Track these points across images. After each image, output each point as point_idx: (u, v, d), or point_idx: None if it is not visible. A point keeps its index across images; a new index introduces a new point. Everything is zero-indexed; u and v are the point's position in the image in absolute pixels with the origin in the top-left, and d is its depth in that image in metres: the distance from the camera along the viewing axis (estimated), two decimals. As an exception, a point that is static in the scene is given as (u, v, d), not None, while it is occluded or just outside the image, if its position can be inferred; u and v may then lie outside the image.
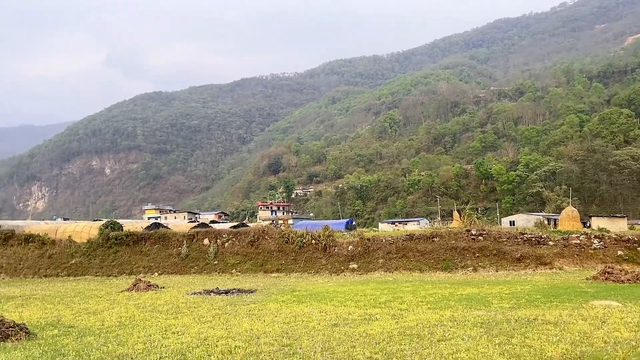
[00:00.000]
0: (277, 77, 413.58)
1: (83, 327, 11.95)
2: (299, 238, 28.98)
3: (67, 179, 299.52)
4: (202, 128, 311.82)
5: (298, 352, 8.85)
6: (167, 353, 8.99)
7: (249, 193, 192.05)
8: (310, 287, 20.25)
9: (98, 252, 30.74)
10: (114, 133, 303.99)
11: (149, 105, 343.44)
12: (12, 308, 15.85)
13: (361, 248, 27.72)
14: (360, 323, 11.51)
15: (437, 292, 16.88)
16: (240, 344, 9.54)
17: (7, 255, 31.27)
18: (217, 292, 18.76)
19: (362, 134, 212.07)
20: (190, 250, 30.28)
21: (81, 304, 16.45)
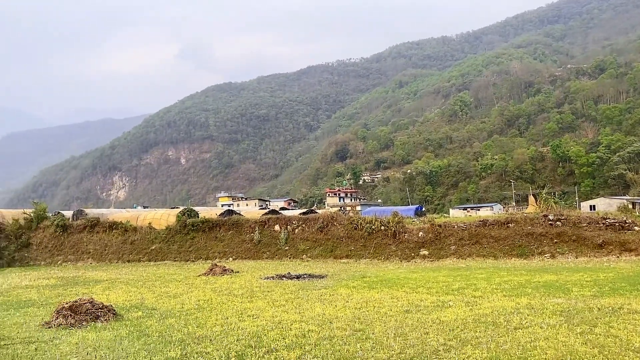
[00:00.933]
0: (343, 63, 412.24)
1: (164, 310, 12.58)
2: (368, 224, 28.94)
3: (145, 169, 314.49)
4: (270, 117, 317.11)
5: (371, 337, 8.89)
6: (244, 335, 9.31)
7: (317, 180, 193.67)
8: (380, 273, 20.23)
9: (176, 238, 32.17)
10: (187, 124, 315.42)
11: (220, 96, 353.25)
12: (100, 291, 16.94)
13: (432, 234, 27.30)
14: (432, 310, 11.39)
15: (513, 279, 16.36)
16: (314, 328, 9.71)
17: (94, 241, 33.38)
18: (289, 277, 19.14)
19: (431, 117, 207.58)
20: (262, 236, 31.03)
21: (162, 288, 17.31)
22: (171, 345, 8.71)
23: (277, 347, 8.36)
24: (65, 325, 10.72)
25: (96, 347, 8.73)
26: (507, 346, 7.96)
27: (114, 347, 8.76)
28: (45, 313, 12.39)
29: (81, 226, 34.42)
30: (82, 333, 9.98)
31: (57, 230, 33.96)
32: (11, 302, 14.90)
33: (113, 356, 8.11)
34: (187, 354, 8.12)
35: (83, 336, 9.69)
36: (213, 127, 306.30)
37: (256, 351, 8.14)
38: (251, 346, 8.48)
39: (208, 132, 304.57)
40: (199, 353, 8.17)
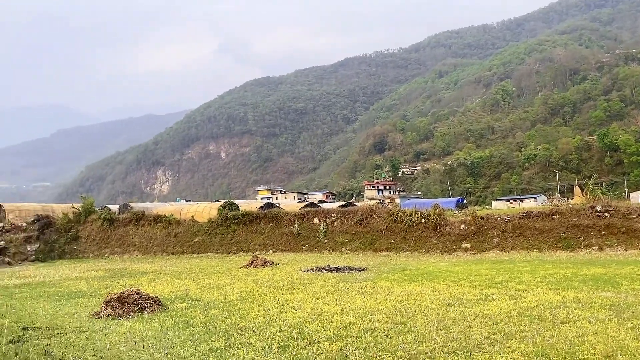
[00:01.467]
0: (381, 54, 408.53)
1: (208, 301, 12.84)
2: (408, 217, 28.70)
3: (187, 163, 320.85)
4: (308, 110, 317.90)
5: (413, 330, 8.84)
6: (286, 327, 9.41)
7: (355, 173, 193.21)
8: (421, 266, 20.06)
9: (218, 231, 32.74)
10: (227, 119, 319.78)
11: (258, 90, 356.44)
12: (146, 282, 17.43)
13: (474, 227, 26.84)
14: (475, 303, 11.22)
15: (558, 272, 15.93)
16: (355, 320, 9.72)
17: (139, 234, 34.34)
18: (328, 269, 19.21)
19: (472, 107, 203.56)
20: (301, 229, 31.22)
21: (205, 279, 17.67)
22: (215, 336, 8.89)
23: (319, 339, 8.41)
24: (113, 315, 11.08)
25: (143, 337, 9.00)
26: (554, 340, 7.77)
27: (160, 337, 9.01)
28: (95, 304, 12.84)
29: (127, 220, 35.45)
30: (130, 323, 10.30)
31: (104, 224, 35.09)
32: (63, 293, 15.51)
33: (160, 346, 8.34)
34: (230, 345, 8.27)
35: (131, 326, 10.00)
36: (252, 121, 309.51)
37: (298, 342, 8.22)
38: (293, 337, 8.56)
39: (247, 126, 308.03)
40: (242, 344, 8.31)
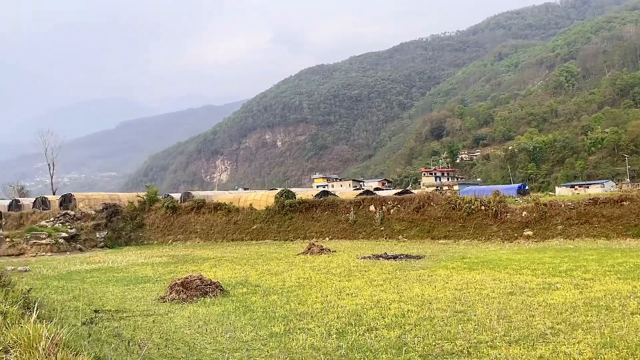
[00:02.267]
0: (438, 38, 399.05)
1: (267, 287, 13.11)
2: (467, 204, 28.08)
3: (245, 152, 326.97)
4: (362, 97, 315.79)
5: (473, 318, 8.69)
6: (344, 313, 9.47)
7: (411, 159, 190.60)
8: (481, 254, 19.62)
9: (275, 219, 33.27)
10: (283, 108, 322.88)
11: (313, 78, 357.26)
12: (208, 268, 17.98)
13: (536, 214, 25.93)
14: (538, 292, 10.88)
15: (628, 261, 15.16)
16: (413, 308, 9.65)
17: (200, 221, 35.41)
18: (385, 257, 19.14)
19: (534, 90, 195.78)
20: (357, 216, 31.20)
21: (264, 266, 18.03)
22: (275, 321, 9.07)
23: (377, 326, 8.42)
24: (177, 299, 11.52)
25: (206, 321, 9.31)
26: (624, 332, 7.42)
27: (222, 321, 9.28)
28: (160, 288, 13.38)
29: (189, 207, 36.60)
30: (193, 307, 10.68)
31: (167, 212, 36.39)
32: (130, 278, 16.25)
33: (222, 330, 8.60)
34: (290, 330, 8.42)
35: (194, 310, 10.36)
36: (307, 109, 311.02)
37: (356, 329, 8.26)
38: (351, 324, 8.61)
39: (302, 115, 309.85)
40: (301, 329, 8.44)
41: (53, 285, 14.89)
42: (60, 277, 17.08)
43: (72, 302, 11.62)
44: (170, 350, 7.46)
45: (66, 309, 10.38)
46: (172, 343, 7.86)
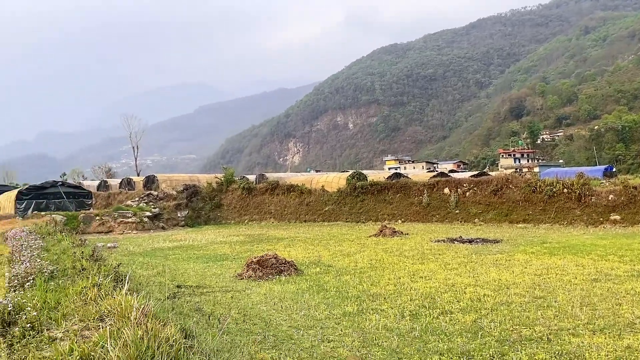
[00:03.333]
0: (518, 12, 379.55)
1: (339, 267, 13.24)
2: (548, 187, 26.81)
3: (316, 134, 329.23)
4: (437, 76, 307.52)
5: (553, 305, 8.35)
6: (417, 296, 9.40)
7: (489, 140, 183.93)
8: (562, 239, 18.73)
9: (347, 200, 33.41)
10: (354, 89, 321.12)
11: (385, 58, 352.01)
12: (282, 248, 18.40)
13: (625, 197, 24.31)
14: (626, 279, 10.26)
15: None
16: (489, 293, 9.42)
17: (275, 202, 36.23)
18: (460, 240, 18.73)
19: (624, 66, 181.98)
20: (431, 199, 30.69)
21: (336, 246, 18.20)
22: (348, 301, 9.16)
23: (452, 310, 8.30)
24: (254, 277, 11.90)
25: (281, 299, 9.56)
26: None
27: (297, 299, 9.50)
28: (237, 266, 13.87)
29: (263, 189, 37.53)
30: (269, 285, 11.00)
31: (243, 193, 37.51)
32: (209, 256, 16.96)
33: (297, 307, 8.80)
34: (363, 310, 8.48)
35: (270, 288, 10.67)
36: (379, 90, 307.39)
37: (430, 312, 8.18)
38: (425, 307, 8.54)
39: (374, 96, 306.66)
40: (374, 309, 8.48)
41: (139, 261, 15.83)
42: (145, 254, 18.13)
43: (157, 278, 12.31)
44: (248, 325, 7.74)
45: (151, 284, 11.00)
46: (249, 318, 8.15)
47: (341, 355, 6.23)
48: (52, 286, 6.59)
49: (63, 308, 5.17)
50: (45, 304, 5.50)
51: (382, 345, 6.62)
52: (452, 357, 6.05)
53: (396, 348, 6.47)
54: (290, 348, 6.57)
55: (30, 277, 7.50)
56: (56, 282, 7.08)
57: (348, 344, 6.71)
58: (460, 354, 6.15)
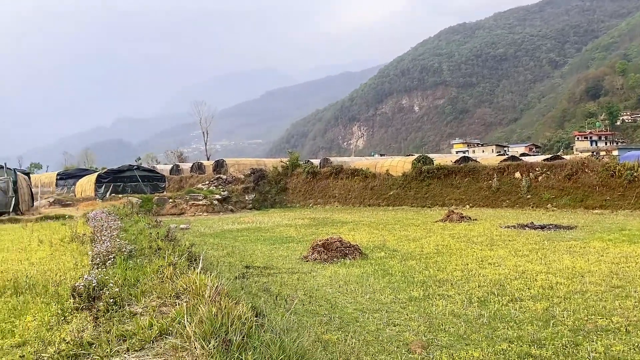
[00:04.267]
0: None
1: (405, 252, 13.16)
2: (629, 171, 25.26)
3: (381, 118, 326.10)
4: (508, 56, 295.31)
5: (633, 295, 7.93)
6: (485, 282, 9.20)
7: (563, 122, 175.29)
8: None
9: (412, 185, 33.00)
10: (420, 71, 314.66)
11: (453, 39, 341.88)
12: (346, 231, 18.50)
13: None
14: None
15: None
16: (562, 281, 9.07)
17: (339, 186, 36.40)
18: (531, 226, 18.08)
19: None
20: (500, 183, 29.75)
21: (401, 231, 18.08)
22: (413, 286, 9.11)
23: (522, 297, 8.07)
24: (319, 260, 12.07)
25: (346, 282, 9.65)
26: None
27: (362, 282, 9.56)
28: (303, 248, 14.10)
29: (327, 173, 37.77)
30: (334, 268, 11.12)
31: (307, 177, 37.93)
32: (276, 238, 17.34)
33: (362, 291, 8.86)
34: (429, 295, 8.41)
35: (335, 270, 10.79)
36: (446, 71, 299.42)
37: (499, 299, 8.00)
38: (493, 293, 8.35)
39: (441, 77, 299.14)
40: (440, 295, 8.39)
41: (209, 242, 16.45)
42: (215, 235, 18.80)
43: (226, 258, 12.75)
44: (314, 306, 7.88)
45: (221, 264, 11.40)
46: (315, 300, 8.30)
47: (407, 340, 6.23)
48: (131, 264, 7.00)
49: (142, 285, 5.50)
50: (126, 281, 5.86)
51: (448, 330, 6.56)
52: (522, 345, 5.90)
53: (463, 334, 6.39)
54: (356, 330, 6.64)
55: (111, 255, 8.00)
56: (134, 260, 7.51)
57: (414, 328, 6.69)
58: (530, 342, 5.99)
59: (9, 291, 7.08)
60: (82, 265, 8.80)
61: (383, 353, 5.79)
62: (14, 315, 5.95)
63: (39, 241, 13.13)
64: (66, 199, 33.36)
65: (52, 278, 7.88)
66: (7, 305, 6.35)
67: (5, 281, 7.64)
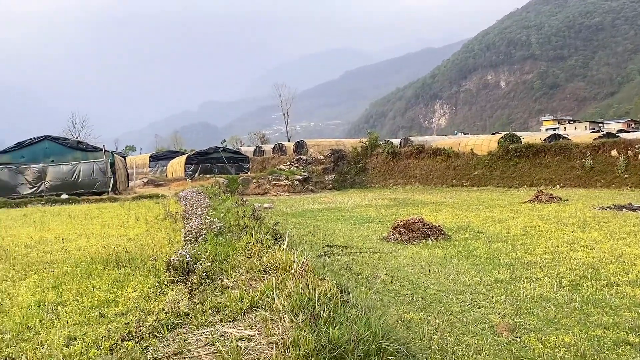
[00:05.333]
0: None
1: (490, 233, 12.77)
2: None
3: (464, 95, 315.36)
4: (605, 25, 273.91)
5: None
6: (577, 265, 8.77)
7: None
8: None
9: (498, 164, 31.82)
10: (507, 45, 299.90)
11: (542, 9, 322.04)
12: (428, 212, 18.23)
13: None
14: None
15: None
16: (665, 266, 8.45)
17: (420, 166, 35.82)
18: (629, 208, 16.90)
19: None
20: (595, 162, 27.97)
21: (486, 212, 17.54)
22: (499, 268, 8.86)
23: (618, 282, 7.61)
24: (400, 240, 12.01)
25: (429, 263, 9.55)
26: None
27: (445, 264, 9.42)
28: (383, 228, 14.09)
29: (408, 153, 37.27)
30: (415, 249, 11.03)
31: (387, 157, 37.64)
32: (356, 218, 17.44)
33: (445, 272, 8.74)
34: (516, 278, 8.15)
35: (416, 251, 10.71)
36: (535, 45, 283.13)
37: (592, 283, 7.60)
38: (586, 277, 7.94)
39: (529, 51, 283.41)
40: (528, 278, 8.10)
41: (291, 221, 16.85)
42: (296, 214, 19.22)
43: (308, 237, 13.02)
44: (396, 286, 7.89)
45: (303, 242, 11.67)
46: (396, 280, 8.30)
47: (493, 322, 6.10)
48: (221, 241, 7.34)
49: (231, 260, 5.78)
50: (216, 256, 6.18)
51: (537, 314, 6.34)
52: (619, 332, 5.59)
53: (553, 318, 6.15)
54: (439, 311, 6.58)
55: (202, 232, 8.44)
56: (223, 237, 7.87)
57: (500, 311, 6.53)
58: (628, 330, 5.66)
59: (111, 264, 7.67)
60: (175, 241, 9.34)
61: (468, 334, 5.71)
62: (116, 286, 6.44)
63: (135, 219, 14.06)
64: (158, 180, 35.40)
65: (149, 253, 8.43)
66: (110, 277, 6.89)
67: (108, 255, 8.28)
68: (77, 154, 25.90)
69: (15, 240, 10.60)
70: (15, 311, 5.34)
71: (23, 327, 4.79)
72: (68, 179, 25.04)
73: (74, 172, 25.16)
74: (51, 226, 13.12)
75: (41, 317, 5.08)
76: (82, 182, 25.18)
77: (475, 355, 5.08)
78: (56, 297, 5.89)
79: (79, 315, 5.16)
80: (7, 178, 24.31)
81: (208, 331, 3.75)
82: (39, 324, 4.87)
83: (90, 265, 7.65)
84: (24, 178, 24.58)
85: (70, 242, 10.08)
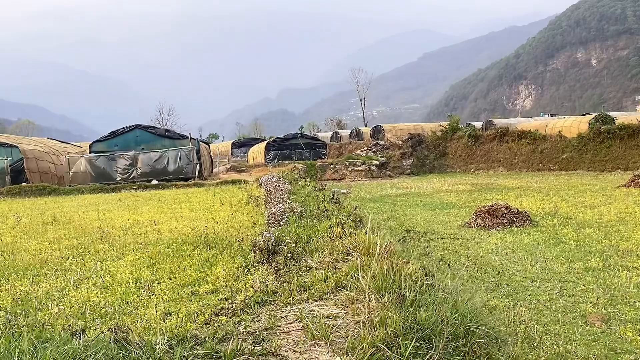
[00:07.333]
0: None
1: (580, 220, 12.14)
2: None
3: (551, 75, 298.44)
4: None
5: None
6: (680, 255, 8.16)
7: None
8: None
9: (589, 147, 30.00)
10: (599, 19, 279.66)
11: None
12: (513, 197, 17.57)
13: None
14: None
15: None
16: None
17: (503, 150, 34.49)
18: None
19: None
20: (701, 144, 25.66)
21: (576, 198, 16.66)
22: (591, 255, 8.43)
23: None
24: (483, 226, 11.71)
25: (514, 249, 9.26)
26: None
27: (531, 250, 9.09)
28: (465, 214, 13.78)
29: (491, 136, 35.97)
30: (500, 235, 10.72)
31: (468, 141, 36.54)
32: (436, 203, 17.16)
33: (531, 259, 8.44)
34: (610, 266, 7.72)
35: (501, 237, 10.40)
36: (631, 18, 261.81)
37: (699, 274, 7.05)
38: (691, 268, 7.39)
39: (625, 25, 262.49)
40: (623, 267, 7.65)
41: (369, 206, 16.88)
42: (374, 200, 19.22)
43: (386, 222, 13.00)
44: (479, 273, 7.74)
45: (382, 227, 11.67)
46: (480, 266, 8.13)
47: (584, 311, 5.84)
48: (303, 224, 7.52)
49: (314, 242, 5.92)
50: (299, 238, 6.35)
51: (634, 305, 5.99)
52: None
53: (652, 310, 5.80)
54: (525, 299, 6.40)
55: (284, 215, 8.68)
56: (305, 220, 8.06)
57: (592, 300, 6.24)
58: None
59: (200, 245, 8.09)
60: (259, 224, 9.67)
61: (556, 323, 5.52)
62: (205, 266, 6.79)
63: (220, 203, 14.68)
64: (240, 166, 36.60)
65: (234, 235, 8.80)
66: (199, 257, 7.27)
67: (197, 236, 8.73)
68: (165, 141, 27.34)
69: (112, 223, 11.42)
70: (116, 287, 5.78)
71: (123, 302, 5.18)
72: (157, 165, 26.50)
73: (162, 159, 26.59)
74: (143, 210, 13.99)
75: (139, 294, 5.47)
76: (170, 169, 26.57)
77: (565, 344, 4.90)
78: (151, 275, 6.31)
79: (173, 292, 5.50)
80: (104, 165, 26.13)
81: (296, 309, 3.90)
82: (137, 300, 5.26)
83: (181, 246, 8.11)
84: (118, 165, 26.31)
85: (161, 225, 10.72)
